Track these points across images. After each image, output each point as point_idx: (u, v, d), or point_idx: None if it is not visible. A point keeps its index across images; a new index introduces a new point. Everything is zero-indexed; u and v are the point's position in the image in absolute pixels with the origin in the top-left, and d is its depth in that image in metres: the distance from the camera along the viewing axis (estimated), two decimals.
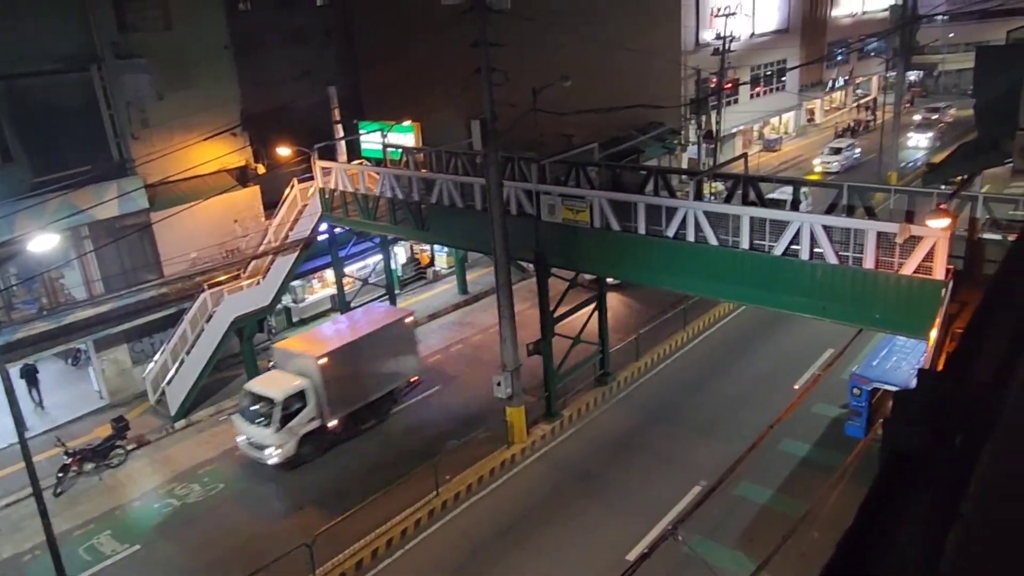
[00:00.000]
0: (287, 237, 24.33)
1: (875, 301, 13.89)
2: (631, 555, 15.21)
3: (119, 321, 22.09)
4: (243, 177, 26.45)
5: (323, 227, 25.44)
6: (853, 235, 14.02)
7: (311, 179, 25.14)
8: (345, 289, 26.92)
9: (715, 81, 36.05)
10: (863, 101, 60.02)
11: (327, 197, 24.92)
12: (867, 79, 60.49)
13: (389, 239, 26.95)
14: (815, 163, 42.86)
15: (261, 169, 27.27)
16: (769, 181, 20.37)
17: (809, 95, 52.30)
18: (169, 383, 22.21)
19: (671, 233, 16.36)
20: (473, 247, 23.64)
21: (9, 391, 13.05)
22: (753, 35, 43.91)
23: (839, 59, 54.44)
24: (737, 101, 42.42)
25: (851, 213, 15.14)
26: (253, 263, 24.03)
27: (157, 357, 22.87)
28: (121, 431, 20.30)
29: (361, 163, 26.49)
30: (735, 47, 36.65)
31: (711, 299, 23.75)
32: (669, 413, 20.63)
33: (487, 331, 25.90)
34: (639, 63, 32.89)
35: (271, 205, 25.95)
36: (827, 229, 14.20)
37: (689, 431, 19.65)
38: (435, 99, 29.22)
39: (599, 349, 21.82)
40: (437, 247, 31.05)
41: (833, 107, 58.91)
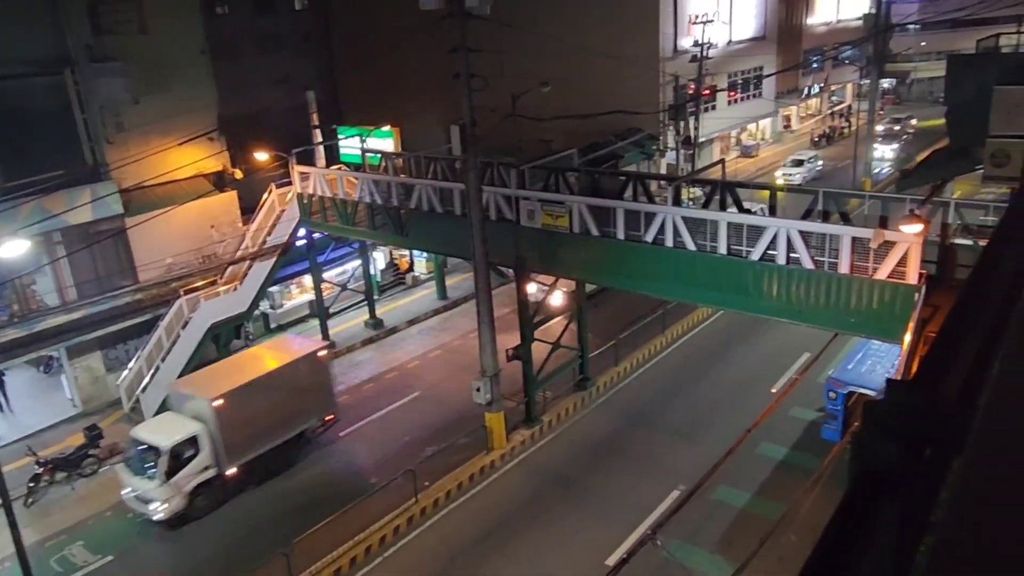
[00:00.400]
0: (265, 242, 24.13)
1: (850, 305, 14.06)
2: (610, 560, 15.23)
3: (92, 328, 21.76)
4: (220, 182, 26.22)
5: (301, 232, 25.27)
6: (828, 240, 14.19)
7: (289, 184, 24.98)
8: (324, 295, 26.75)
9: (693, 87, 36.35)
10: (837, 108, 60.85)
11: (305, 202, 24.76)
12: (842, 86, 61.36)
13: (368, 244, 26.83)
14: (776, 175, 42.30)
15: (238, 174, 27.06)
16: (746, 187, 20.56)
17: (785, 102, 52.88)
18: (144, 390, 21.89)
19: (650, 238, 16.46)
20: (453, 252, 23.59)
21: None
22: (730, 42, 44.31)
23: (814, 66, 55.15)
24: (715, 107, 42.77)
25: (826, 219, 15.32)
26: (230, 269, 23.80)
27: (132, 364, 22.54)
28: (94, 440, 19.96)
29: (340, 168, 26.38)
30: (713, 54, 36.99)
31: (689, 304, 23.91)
32: (648, 418, 20.71)
33: (467, 336, 25.86)
34: (618, 69, 33.09)
35: (249, 210, 25.75)
36: (803, 234, 14.36)
37: (668, 435, 19.74)
38: (414, 104, 29.19)
39: (579, 354, 21.87)
40: (416, 252, 30.96)
41: (809, 114, 59.65)
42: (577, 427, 20.60)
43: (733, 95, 45.79)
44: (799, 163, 42.73)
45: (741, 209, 16.52)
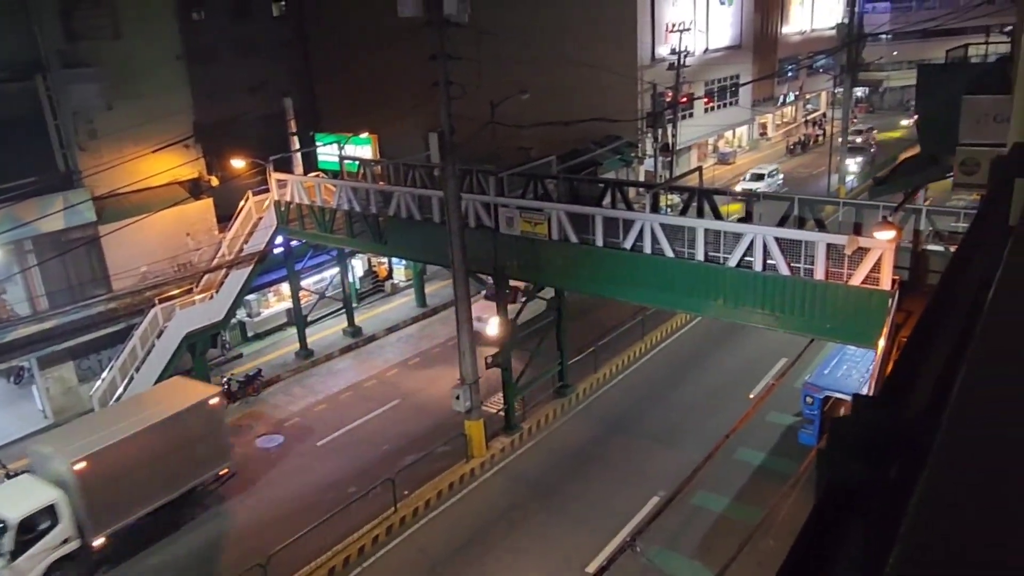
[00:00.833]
0: (242, 250, 23.90)
1: (826, 311, 14.21)
2: (591, 567, 15.24)
3: (64, 338, 21.39)
4: (196, 189, 25.97)
5: (279, 240, 25.07)
6: (804, 247, 14.35)
7: (266, 191, 24.78)
8: (302, 303, 26.55)
9: (671, 95, 36.67)
10: (812, 116, 61.68)
11: (283, 210, 24.58)
12: (816, 95, 62.27)
13: (346, 252, 26.68)
14: (736, 189, 41.64)
15: (215, 181, 26.81)
16: (723, 194, 20.74)
17: (761, 110, 53.56)
18: (118, 401, 21.54)
19: (628, 245, 16.53)
20: (431, 260, 23.52)
21: None
22: (707, 51, 44.80)
23: (789, 75, 55.91)
24: (692, 115, 43.18)
25: (802, 225, 15.49)
26: (206, 277, 23.54)
27: (105, 374, 22.14)
28: None
29: (318, 175, 26.23)
30: (690, 62, 37.35)
31: (668, 310, 24.03)
32: (627, 424, 20.77)
33: (446, 344, 25.78)
34: (596, 77, 33.29)
35: (225, 218, 25.50)
36: (779, 241, 14.50)
37: (647, 441, 19.80)
38: (393, 111, 29.11)
39: (558, 361, 21.88)
40: (395, 260, 30.85)
41: (784, 121, 60.43)
42: (557, 434, 20.60)
43: (710, 103, 46.24)
44: (759, 177, 41.44)
45: (718, 216, 16.67)
